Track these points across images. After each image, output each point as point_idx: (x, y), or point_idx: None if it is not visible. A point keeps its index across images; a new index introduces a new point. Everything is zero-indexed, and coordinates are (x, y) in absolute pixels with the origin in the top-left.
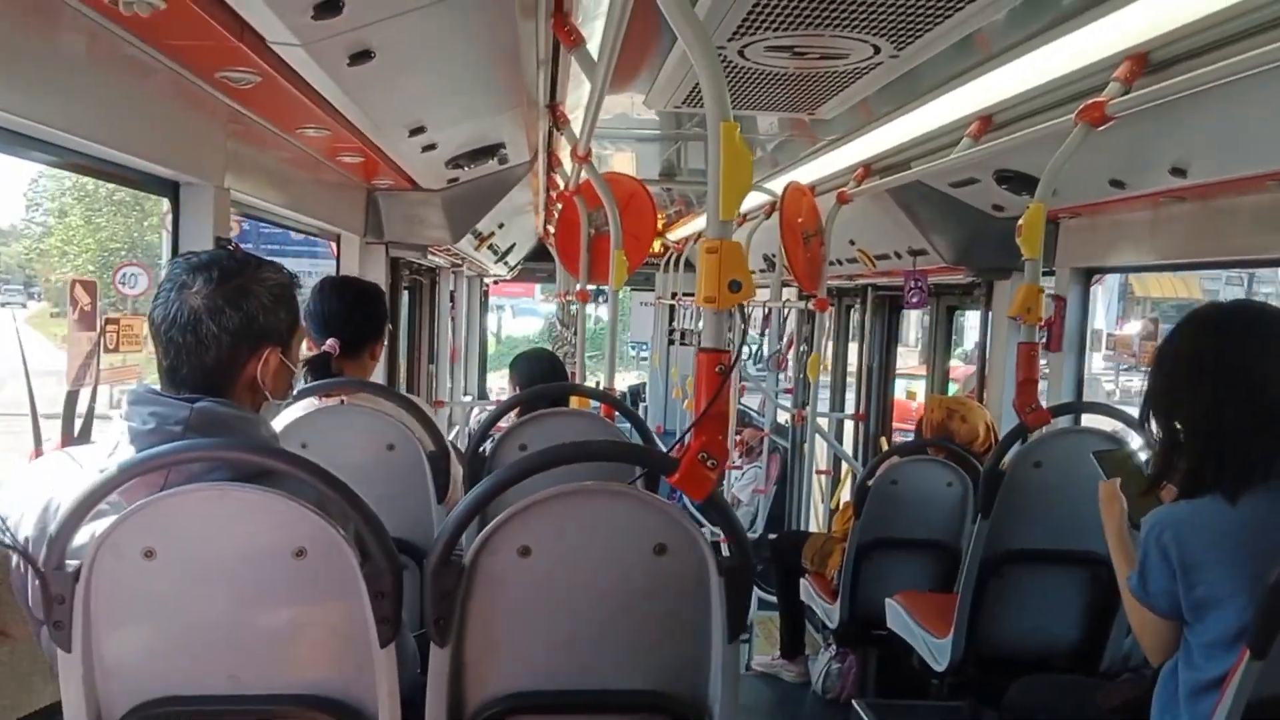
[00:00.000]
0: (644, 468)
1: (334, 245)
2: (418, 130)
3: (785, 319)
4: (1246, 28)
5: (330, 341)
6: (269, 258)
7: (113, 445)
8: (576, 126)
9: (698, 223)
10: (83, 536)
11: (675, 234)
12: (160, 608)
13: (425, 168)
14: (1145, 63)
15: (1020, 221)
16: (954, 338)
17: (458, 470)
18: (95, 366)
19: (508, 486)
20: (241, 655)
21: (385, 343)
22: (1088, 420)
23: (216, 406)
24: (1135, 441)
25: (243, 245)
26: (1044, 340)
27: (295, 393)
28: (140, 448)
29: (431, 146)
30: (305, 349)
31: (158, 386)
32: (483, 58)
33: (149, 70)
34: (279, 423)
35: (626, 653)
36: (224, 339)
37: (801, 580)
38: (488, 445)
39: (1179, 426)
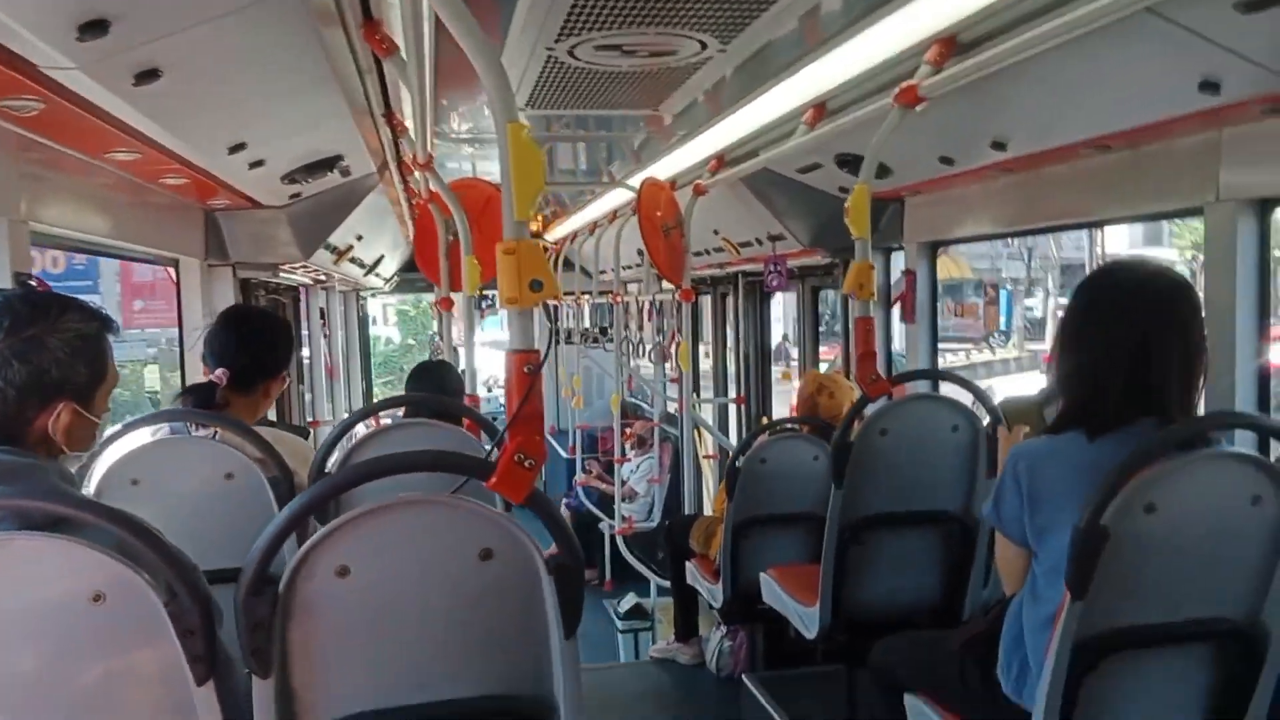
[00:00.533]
0: (460, 473)
1: (171, 271)
2: (238, 147)
3: (676, 310)
4: (1047, 4)
5: (219, 371)
6: (83, 299)
7: None
8: (415, 135)
9: (572, 222)
10: None
11: (552, 234)
12: None
13: (259, 184)
14: (954, 44)
15: (847, 204)
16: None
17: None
18: None
19: (316, 508)
20: (55, 711)
21: (284, 382)
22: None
23: (6, 455)
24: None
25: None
26: (901, 312)
27: (104, 437)
28: None
29: (259, 163)
30: (202, 374)
31: None
32: (295, 69)
33: None
34: (106, 460)
35: (462, 661)
36: (9, 393)
37: (687, 563)
38: (334, 463)
39: (1061, 369)
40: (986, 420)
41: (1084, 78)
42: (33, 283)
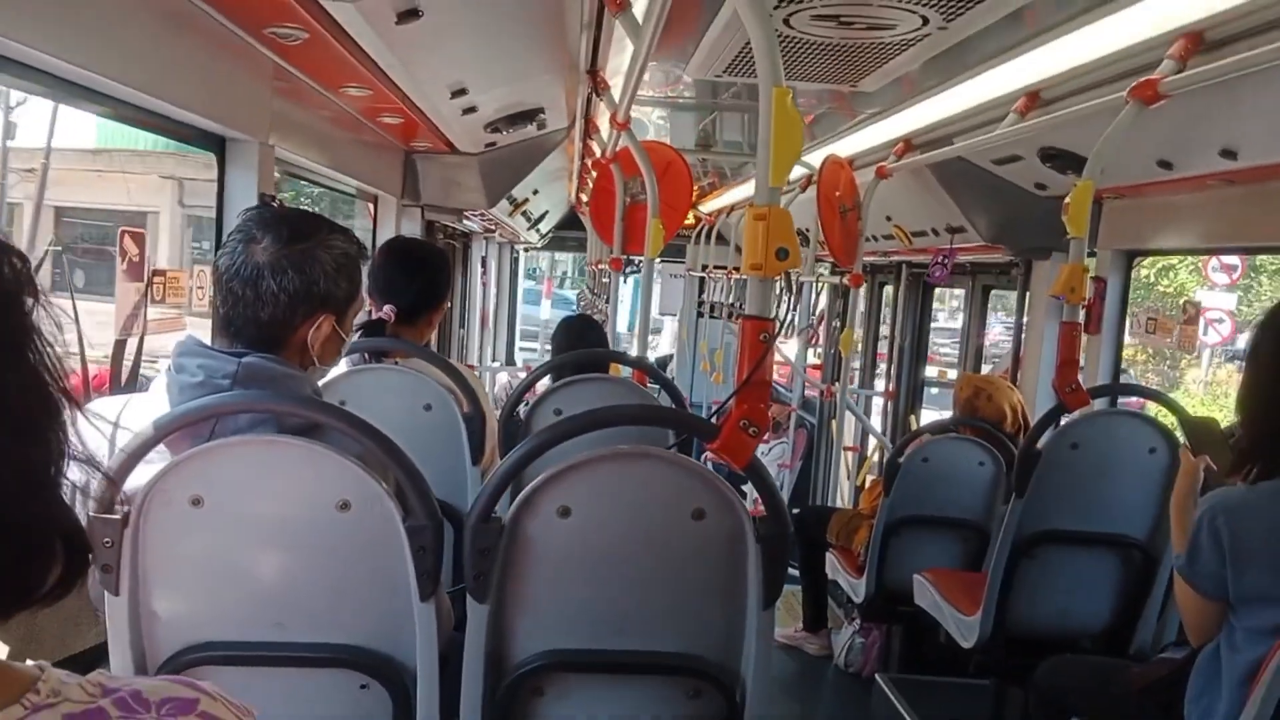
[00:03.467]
0: (685, 433)
1: (370, 206)
2: (459, 92)
3: (817, 295)
4: None
5: (387, 308)
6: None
7: (160, 395)
8: (616, 92)
9: (731, 195)
10: (133, 482)
11: (708, 206)
12: (206, 555)
13: (464, 130)
14: (1200, 41)
15: (1067, 200)
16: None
17: (494, 433)
18: (143, 316)
19: (550, 447)
20: (285, 604)
21: (445, 309)
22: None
23: (264, 362)
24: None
25: None
26: (1084, 322)
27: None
28: (187, 399)
29: (472, 109)
30: (368, 311)
31: (205, 339)
32: (527, 20)
33: (199, 24)
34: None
35: (661, 615)
36: (282, 299)
37: (827, 554)
38: (522, 409)
39: (1255, 410)
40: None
41: None
42: (274, 204)
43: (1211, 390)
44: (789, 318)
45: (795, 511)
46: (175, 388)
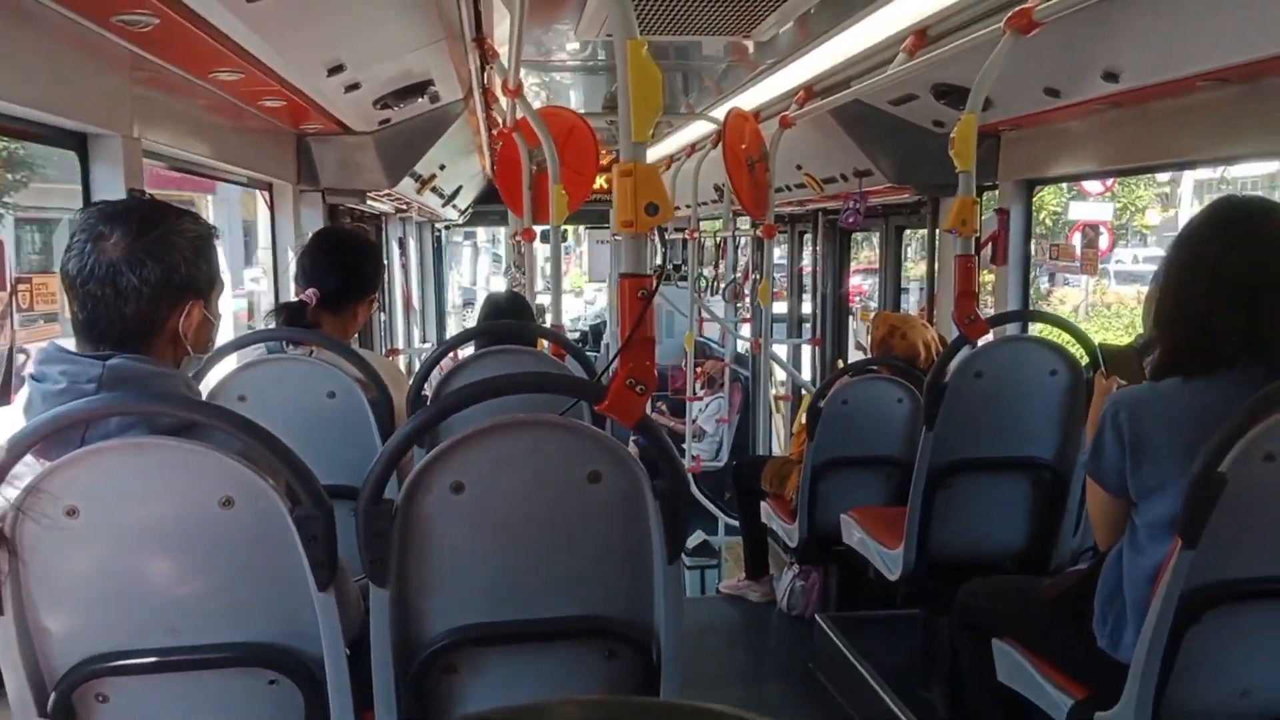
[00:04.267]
0: (572, 396)
1: (266, 195)
2: (336, 69)
3: (739, 249)
4: None
5: (309, 291)
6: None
7: (24, 406)
8: (506, 60)
9: (649, 156)
10: (1, 500)
11: None
12: (89, 566)
13: (352, 109)
14: None
15: (952, 135)
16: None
17: (403, 415)
18: (10, 327)
19: (437, 422)
20: (177, 608)
21: (373, 305)
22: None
23: (130, 362)
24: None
25: None
26: (990, 254)
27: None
28: (50, 408)
29: (355, 85)
30: (294, 294)
31: (69, 344)
32: None
33: (44, 19)
34: (215, 376)
35: (567, 581)
36: (145, 291)
37: (762, 503)
38: (432, 387)
39: (1170, 317)
40: (1085, 363)
41: (1207, 4)
42: (144, 199)
43: (1099, 315)
44: (710, 280)
45: (735, 464)
46: (38, 397)
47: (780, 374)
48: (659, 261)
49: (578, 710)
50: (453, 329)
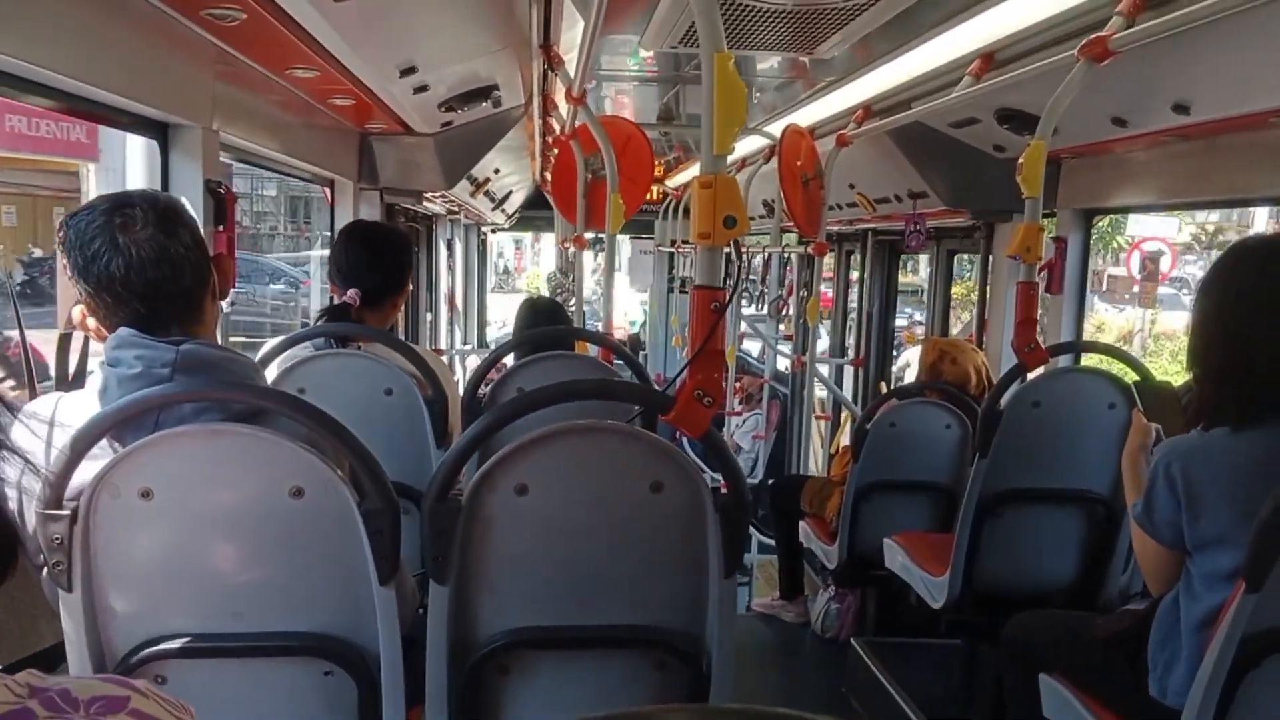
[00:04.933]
0: (639, 406)
1: (328, 191)
2: (409, 70)
3: (786, 265)
4: None
5: (351, 292)
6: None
7: (99, 390)
8: (571, 68)
9: (697, 168)
10: (79, 478)
11: (674, 180)
12: (159, 548)
13: (418, 110)
14: None
15: (1020, 160)
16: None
17: (457, 415)
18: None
19: (504, 424)
20: (242, 594)
21: (408, 291)
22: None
23: (203, 347)
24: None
25: None
26: (1045, 282)
27: (267, 349)
28: (125, 392)
29: (423, 88)
30: (330, 297)
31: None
32: None
33: (134, 8)
34: (276, 368)
35: (624, 589)
36: (192, 257)
37: (800, 523)
38: (486, 390)
39: (1210, 359)
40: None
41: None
42: (221, 190)
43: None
44: (740, 287)
45: (771, 482)
46: (114, 381)
47: (820, 393)
48: (684, 273)
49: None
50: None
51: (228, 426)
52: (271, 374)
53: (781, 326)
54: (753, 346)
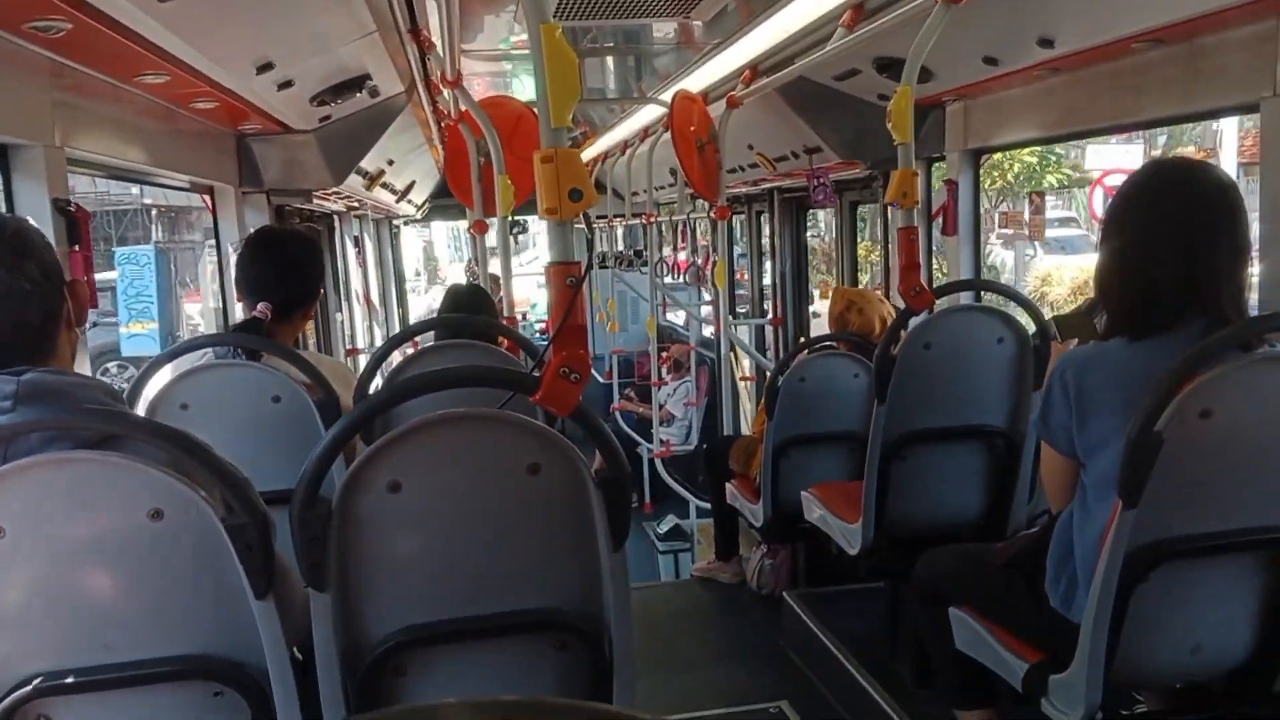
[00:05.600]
0: (506, 389)
1: (208, 199)
2: (265, 66)
3: (691, 230)
4: None
5: (261, 306)
6: None
7: None
8: (443, 51)
9: (604, 141)
10: None
11: (582, 155)
12: (19, 584)
13: (289, 107)
14: None
15: (889, 107)
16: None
17: None
18: None
19: (367, 421)
20: (113, 623)
21: (318, 300)
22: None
23: (46, 375)
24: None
25: None
26: (941, 224)
27: (152, 360)
28: None
29: (288, 83)
30: (238, 311)
31: None
32: None
33: None
34: (155, 384)
35: (514, 575)
36: (38, 289)
37: (728, 484)
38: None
39: (1112, 272)
40: (1032, 331)
41: None
42: (71, 209)
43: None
44: (593, 256)
45: (704, 446)
46: None
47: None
48: (600, 249)
49: (469, 713)
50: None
51: (77, 454)
52: (156, 387)
53: (704, 291)
54: (682, 315)
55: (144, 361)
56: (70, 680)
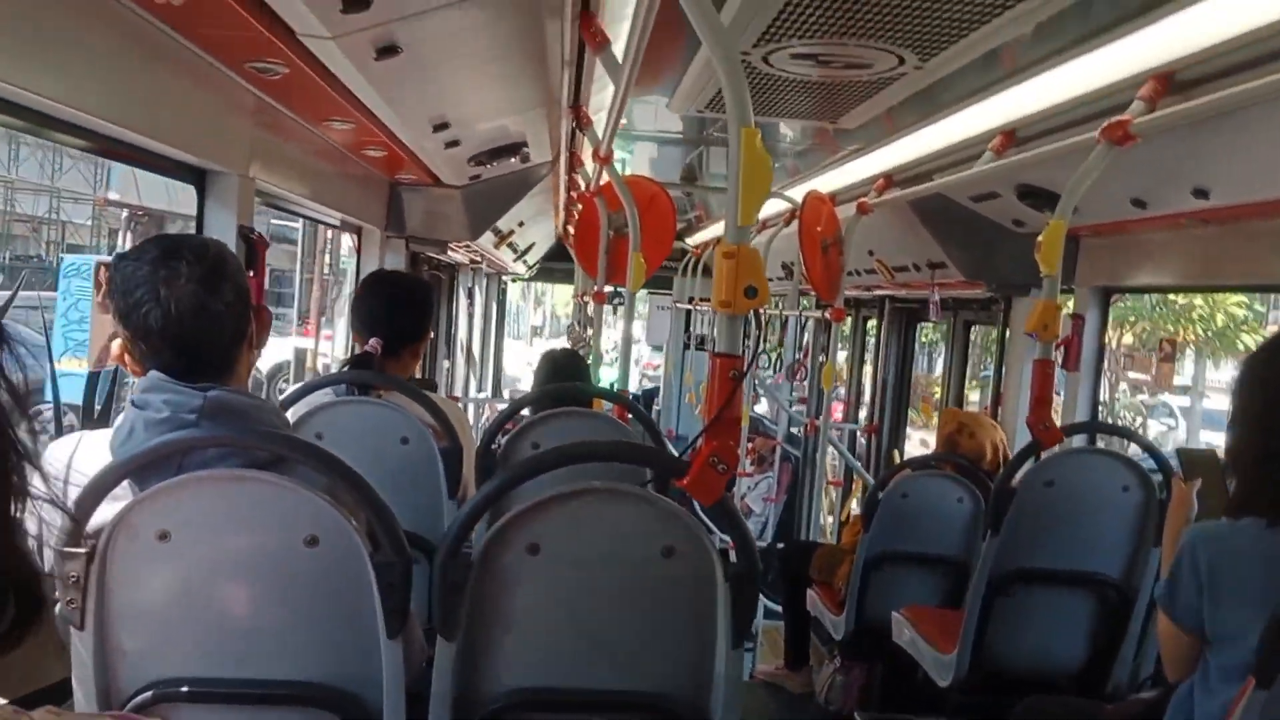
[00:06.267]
0: (654, 470)
1: (355, 238)
2: (442, 126)
3: (802, 329)
4: (1274, 49)
5: (373, 341)
6: None
7: (126, 431)
8: (599, 128)
9: (717, 228)
10: (99, 518)
11: (695, 239)
12: (172, 590)
13: (448, 164)
14: (1170, 82)
15: (1040, 238)
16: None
17: (471, 466)
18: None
19: (520, 482)
20: (250, 640)
21: (428, 340)
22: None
23: (230, 394)
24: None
25: None
26: (1060, 359)
27: (287, 394)
28: (152, 435)
29: (455, 143)
30: (352, 346)
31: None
32: (508, 56)
33: (180, 59)
34: (295, 413)
35: (630, 654)
36: (231, 313)
37: (808, 591)
38: (501, 442)
39: (1245, 451)
40: (1158, 481)
41: None
42: (253, 236)
43: None
44: (774, 358)
45: (780, 546)
46: (140, 423)
47: (832, 459)
48: (700, 332)
49: None
50: None
51: (248, 473)
52: (291, 417)
53: (795, 389)
54: (764, 408)
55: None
56: (199, 690)
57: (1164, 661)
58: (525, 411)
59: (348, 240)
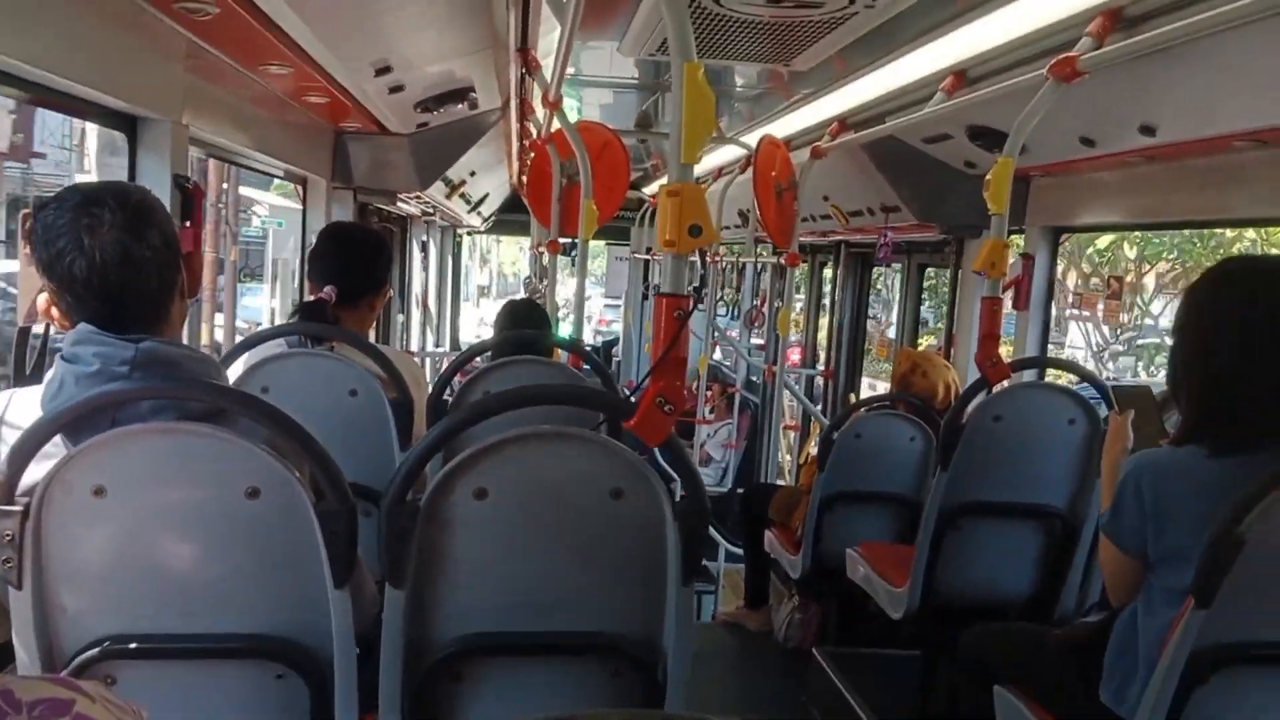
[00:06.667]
0: (601, 411)
1: (300, 189)
2: (384, 70)
3: (759, 276)
4: None
5: (328, 289)
6: None
7: (56, 386)
8: (548, 72)
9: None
10: (32, 475)
11: (651, 188)
12: (111, 546)
13: (393, 110)
14: (1118, 18)
15: (988, 177)
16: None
17: (423, 418)
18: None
19: (465, 427)
20: (196, 595)
21: (387, 295)
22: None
23: (163, 345)
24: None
25: None
26: (1012, 298)
27: (234, 346)
28: (83, 389)
29: (399, 87)
30: (306, 293)
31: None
32: None
33: (106, 1)
34: (240, 366)
35: (581, 596)
36: (158, 259)
37: (766, 532)
38: (456, 389)
39: (1192, 385)
40: (1105, 414)
41: (1251, 65)
42: (188, 184)
43: None
44: (730, 305)
45: (741, 490)
46: (71, 378)
47: (789, 403)
48: (695, 283)
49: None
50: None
51: (184, 425)
52: (237, 370)
53: (754, 338)
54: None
55: None
56: (145, 645)
57: (1108, 587)
58: (479, 362)
59: (254, 192)
